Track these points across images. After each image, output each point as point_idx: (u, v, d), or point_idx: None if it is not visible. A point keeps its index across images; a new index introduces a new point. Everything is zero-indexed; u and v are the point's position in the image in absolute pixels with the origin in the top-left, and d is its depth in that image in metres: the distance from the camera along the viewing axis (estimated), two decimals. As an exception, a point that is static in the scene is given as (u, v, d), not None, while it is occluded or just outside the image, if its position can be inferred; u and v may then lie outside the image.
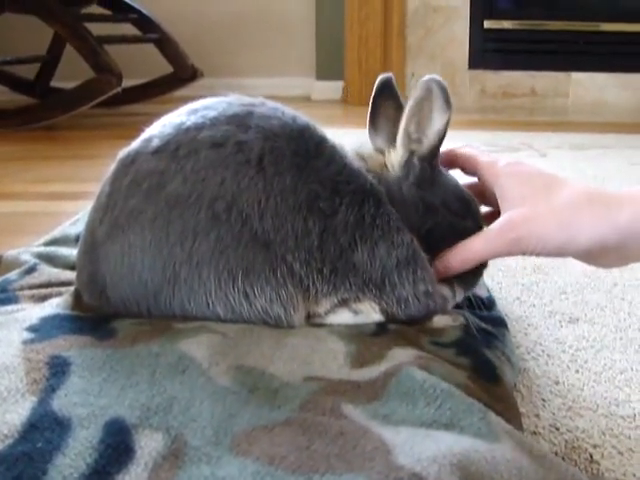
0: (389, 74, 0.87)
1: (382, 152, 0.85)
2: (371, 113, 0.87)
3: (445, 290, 0.83)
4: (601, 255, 0.77)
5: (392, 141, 0.84)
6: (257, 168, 0.75)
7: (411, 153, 0.83)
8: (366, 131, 0.88)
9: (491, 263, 0.88)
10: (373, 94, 0.87)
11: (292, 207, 0.75)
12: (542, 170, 0.82)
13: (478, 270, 0.87)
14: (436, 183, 0.84)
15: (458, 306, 0.87)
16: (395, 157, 0.83)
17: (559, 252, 0.77)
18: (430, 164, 0.83)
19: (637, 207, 0.74)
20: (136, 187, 0.76)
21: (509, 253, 0.79)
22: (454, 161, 0.88)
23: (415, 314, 0.81)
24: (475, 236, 0.81)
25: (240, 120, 0.78)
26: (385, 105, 0.87)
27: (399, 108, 0.84)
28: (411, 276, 0.79)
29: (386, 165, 0.84)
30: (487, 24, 3.79)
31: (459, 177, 0.88)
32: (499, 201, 0.81)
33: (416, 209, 0.82)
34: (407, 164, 0.83)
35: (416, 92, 0.80)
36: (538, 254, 0.78)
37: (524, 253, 0.78)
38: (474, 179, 0.88)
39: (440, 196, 0.83)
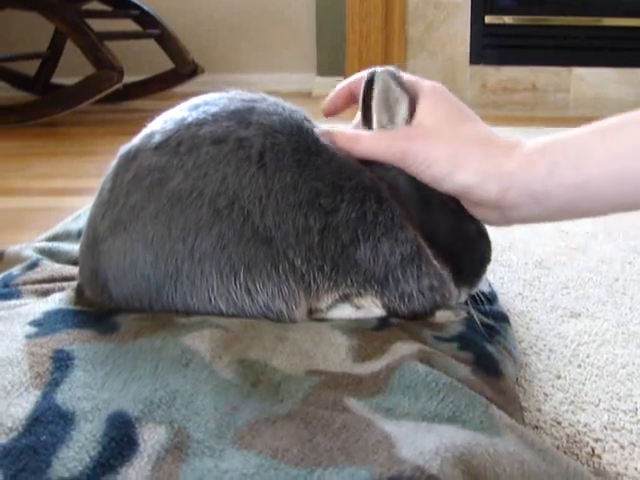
0: (374, 69, 0.86)
1: None
2: (363, 109, 0.86)
3: (452, 288, 0.83)
4: (482, 203, 0.76)
5: None
6: (258, 165, 0.75)
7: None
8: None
9: (493, 258, 0.89)
10: (362, 90, 0.85)
11: (293, 204, 0.76)
12: (462, 103, 0.81)
13: (481, 267, 0.87)
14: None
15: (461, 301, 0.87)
16: None
17: (440, 181, 0.76)
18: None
19: (525, 160, 0.72)
20: (138, 183, 0.76)
21: (393, 161, 0.78)
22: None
23: (419, 309, 0.81)
24: (372, 133, 0.80)
25: (241, 116, 0.78)
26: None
27: None
28: (415, 272, 0.79)
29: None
30: (488, 19, 3.78)
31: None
32: (415, 113, 0.79)
33: (416, 206, 0.82)
34: (381, 167, 0.82)
35: (376, 87, 0.80)
36: (421, 174, 0.76)
37: (408, 168, 0.77)
38: None
39: (438, 192, 0.82)
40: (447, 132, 0.76)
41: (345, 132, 0.81)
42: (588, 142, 0.70)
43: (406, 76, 0.83)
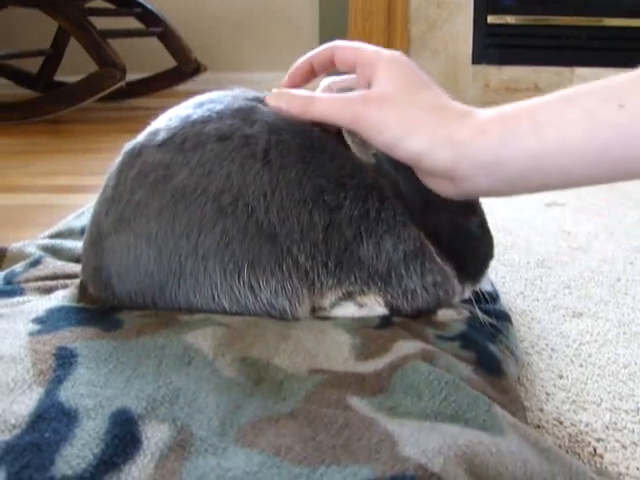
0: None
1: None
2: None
3: (456, 284, 0.83)
4: (433, 171, 0.74)
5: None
6: (263, 162, 0.75)
7: (375, 155, 0.81)
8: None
9: (495, 258, 0.89)
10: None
11: (297, 200, 0.76)
12: (423, 72, 0.78)
13: (484, 264, 0.87)
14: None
15: (463, 300, 0.87)
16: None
17: (392, 147, 0.73)
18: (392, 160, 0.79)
19: (478, 129, 0.70)
20: (142, 180, 0.76)
21: (345, 124, 0.76)
22: (332, 58, 0.83)
23: (422, 306, 0.81)
24: (325, 95, 0.78)
25: (246, 113, 0.78)
26: None
27: None
28: (419, 268, 0.80)
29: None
30: (490, 19, 3.78)
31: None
32: (373, 81, 0.77)
33: (417, 205, 0.81)
34: (379, 166, 0.81)
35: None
36: (373, 140, 0.74)
37: (361, 132, 0.75)
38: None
39: (437, 195, 0.82)
40: (402, 98, 0.73)
41: (298, 94, 0.79)
42: (543, 112, 0.68)
43: (366, 45, 0.80)
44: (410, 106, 0.73)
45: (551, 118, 0.67)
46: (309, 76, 0.87)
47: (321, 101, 0.77)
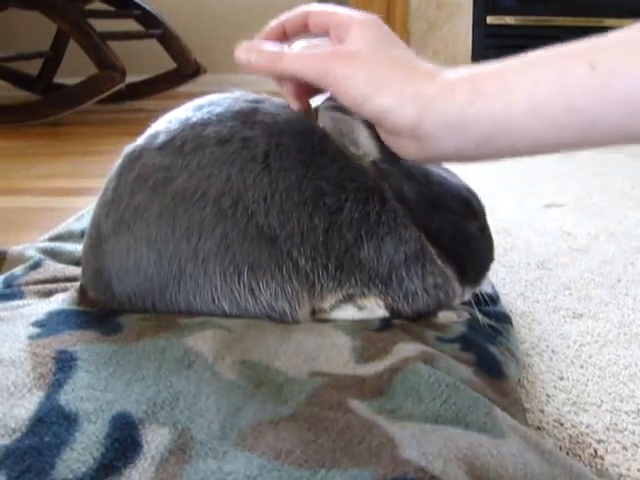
0: (312, 101, 0.84)
1: None
2: None
3: (456, 286, 0.83)
4: (398, 129, 0.71)
5: None
6: (263, 164, 0.75)
7: (374, 163, 0.81)
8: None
9: (495, 259, 0.89)
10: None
11: (298, 203, 0.76)
12: (394, 34, 0.76)
13: (484, 266, 0.87)
14: (431, 181, 0.83)
15: (463, 302, 0.87)
16: (370, 173, 0.82)
17: (360, 104, 0.71)
18: (397, 160, 0.78)
19: (446, 87, 0.68)
20: (142, 183, 0.76)
21: (314, 80, 0.73)
22: (306, 22, 0.82)
23: (423, 308, 0.81)
24: (297, 50, 0.76)
25: (246, 116, 0.78)
26: None
27: None
28: (420, 270, 0.80)
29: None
30: (490, 20, 3.78)
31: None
32: (345, 41, 0.74)
33: (419, 208, 0.82)
34: (381, 173, 0.81)
35: (324, 126, 0.80)
36: (341, 96, 0.72)
37: (328, 88, 0.73)
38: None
39: (438, 194, 0.83)
40: (371, 56, 0.71)
41: (267, 49, 0.77)
42: (514, 73, 0.66)
43: (339, 8, 0.78)
44: (379, 64, 0.71)
45: (522, 79, 0.65)
46: (281, 39, 0.84)
47: (290, 56, 0.75)
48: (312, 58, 0.73)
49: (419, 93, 0.68)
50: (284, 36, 0.83)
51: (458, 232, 0.83)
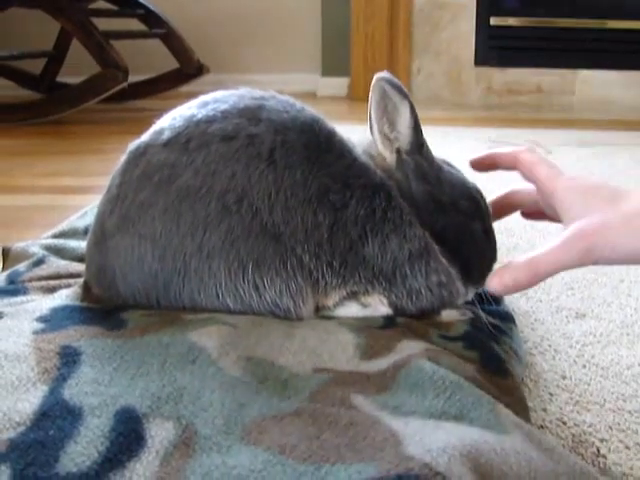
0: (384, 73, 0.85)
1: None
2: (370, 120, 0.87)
3: (460, 285, 0.83)
4: None
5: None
6: (268, 161, 0.75)
7: (397, 151, 0.82)
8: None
9: (498, 259, 0.89)
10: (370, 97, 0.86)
11: (302, 200, 0.76)
12: (601, 181, 0.79)
13: (488, 267, 0.87)
14: (442, 181, 0.84)
15: (467, 301, 0.87)
16: (388, 161, 0.83)
17: (630, 259, 0.74)
18: (420, 155, 0.82)
19: None
20: (147, 179, 0.76)
21: (581, 264, 0.75)
22: (513, 163, 0.85)
23: (427, 306, 0.81)
24: (544, 250, 0.76)
25: (251, 113, 0.78)
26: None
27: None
28: (424, 268, 0.80)
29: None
30: (493, 21, 3.78)
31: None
32: (560, 213, 0.78)
33: (426, 207, 0.82)
34: (400, 163, 0.82)
35: (372, 95, 0.80)
36: (611, 262, 0.74)
37: (595, 263, 0.75)
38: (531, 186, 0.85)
39: (448, 194, 0.83)
40: (613, 216, 0.74)
41: (518, 265, 0.78)
42: None
43: (543, 162, 0.82)
44: (628, 219, 0.73)
45: None
46: (491, 167, 0.88)
47: (549, 257, 0.76)
48: (568, 249, 0.74)
49: None
50: (494, 165, 0.87)
51: (463, 232, 0.83)
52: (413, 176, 0.82)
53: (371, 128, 0.84)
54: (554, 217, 0.82)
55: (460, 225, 0.83)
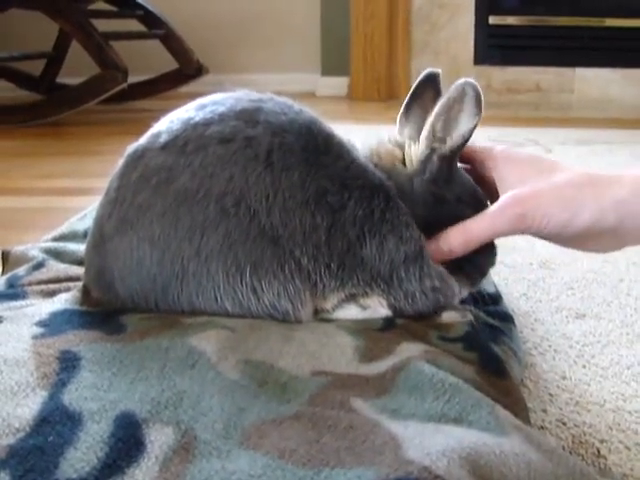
0: (437, 70, 0.87)
1: (400, 146, 0.85)
2: (408, 101, 0.87)
3: (454, 285, 0.83)
4: (599, 235, 0.76)
5: (419, 134, 0.83)
6: (265, 164, 0.75)
7: (432, 150, 0.82)
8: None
9: (498, 259, 0.88)
10: (416, 83, 0.87)
11: (300, 202, 0.76)
12: (537, 154, 0.82)
13: (484, 267, 0.87)
14: (452, 181, 0.84)
15: (465, 301, 0.87)
16: (415, 151, 0.83)
17: (561, 230, 0.76)
18: (449, 164, 0.82)
19: (637, 185, 0.73)
20: (145, 182, 0.76)
21: (513, 231, 0.78)
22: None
23: (423, 309, 0.81)
24: (477, 216, 0.80)
25: (249, 115, 0.78)
26: (424, 97, 0.87)
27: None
28: (418, 272, 0.79)
29: (403, 160, 0.84)
30: (492, 20, 3.78)
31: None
32: (498, 184, 0.80)
33: (425, 203, 0.82)
34: (426, 160, 0.82)
35: (450, 92, 0.79)
36: (540, 232, 0.77)
37: (527, 231, 0.77)
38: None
39: (455, 192, 0.83)
40: (547, 186, 0.76)
41: (454, 232, 0.81)
42: None
43: (475, 144, 0.84)
44: (560, 190, 0.76)
45: None
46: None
47: (481, 223, 0.79)
48: (501, 215, 0.77)
49: (614, 200, 0.73)
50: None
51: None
52: (428, 176, 0.82)
53: (407, 113, 0.86)
54: (490, 190, 0.84)
55: (456, 222, 0.82)
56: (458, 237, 0.80)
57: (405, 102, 0.87)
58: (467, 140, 0.80)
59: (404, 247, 0.79)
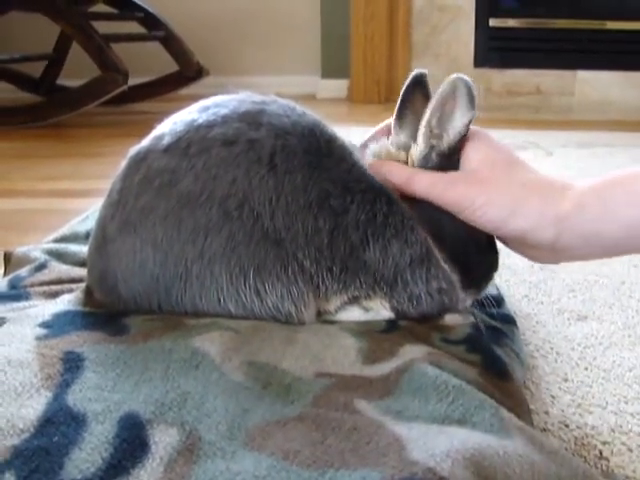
0: (423, 70, 0.86)
1: (403, 149, 0.85)
2: (399, 107, 0.86)
3: (458, 289, 0.83)
4: (538, 246, 0.77)
5: (416, 137, 0.83)
6: (268, 167, 0.75)
7: (431, 148, 0.81)
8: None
9: (499, 261, 0.88)
10: (404, 88, 0.86)
11: (303, 205, 0.76)
12: (504, 146, 0.82)
13: (489, 273, 0.87)
14: None
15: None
16: (415, 151, 0.83)
17: (496, 226, 0.76)
18: (448, 161, 0.81)
19: (578, 202, 0.73)
20: (147, 184, 0.76)
21: (448, 203, 0.78)
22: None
23: (427, 311, 0.81)
24: (427, 172, 0.80)
25: (252, 118, 0.78)
26: (415, 100, 0.86)
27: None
28: (424, 274, 0.79)
29: (406, 162, 0.83)
30: (492, 22, 3.78)
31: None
32: (462, 160, 0.80)
33: (425, 210, 0.81)
34: (425, 159, 0.82)
35: (442, 88, 0.79)
36: (476, 220, 0.77)
37: (463, 213, 0.77)
38: None
39: None
40: (501, 179, 0.76)
41: (401, 170, 0.81)
42: (636, 182, 0.71)
43: None
44: (510, 186, 0.76)
45: None
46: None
47: (422, 178, 0.79)
48: (445, 184, 0.78)
49: (555, 214, 0.73)
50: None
51: (465, 237, 0.83)
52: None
53: (400, 116, 0.85)
54: None
55: (461, 230, 0.82)
56: (401, 175, 0.81)
57: (396, 108, 0.86)
58: (463, 136, 0.80)
59: (409, 250, 0.79)
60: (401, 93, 0.86)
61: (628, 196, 0.70)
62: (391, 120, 0.87)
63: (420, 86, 0.86)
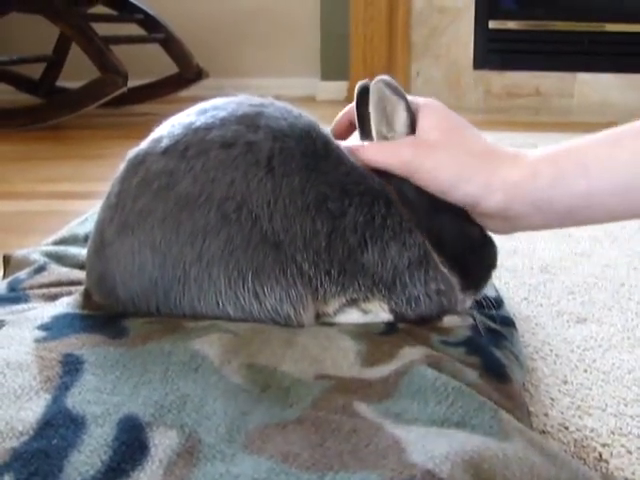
0: (367, 81, 0.86)
1: None
2: (358, 122, 0.88)
3: (457, 290, 0.83)
4: (490, 214, 0.77)
5: None
6: (266, 169, 0.75)
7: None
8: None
9: (498, 263, 0.89)
10: (354, 103, 0.87)
11: (301, 208, 0.76)
12: (457, 115, 0.82)
13: (487, 273, 0.87)
14: None
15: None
16: None
17: (444, 190, 0.77)
18: None
19: (529, 170, 0.73)
20: (146, 187, 0.76)
21: (398, 169, 0.79)
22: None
23: (426, 313, 0.81)
24: (373, 142, 0.82)
25: (250, 120, 0.78)
26: (368, 112, 0.86)
27: None
28: (423, 276, 0.80)
29: None
30: (492, 24, 3.78)
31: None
32: (417, 130, 0.80)
33: (423, 211, 0.82)
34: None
35: (371, 97, 0.81)
36: (427, 185, 0.78)
37: (413, 176, 0.78)
38: None
39: (445, 202, 0.83)
40: (451, 144, 0.77)
41: (346, 145, 0.83)
42: (591, 152, 0.72)
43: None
44: (460, 152, 0.76)
45: (599, 160, 0.71)
46: (350, 130, 0.91)
47: (369, 148, 0.81)
48: (392, 150, 0.79)
49: (504, 180, 0.74)
50: (352, 127, 0.91)
51: (462, 238, 0.83)
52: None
53: (364, 130, 0.86)
54: None
55: (459, 230, 0.83)
56: (353, 146, 0.82)
57: (357, 124, 0.88)
58: (412, 123, 0.80)
59: (408, 253, 0.79)
60: (354, 109, 0.88)
61: (582, 167, 0.71)
62: (349, 108, 0.89)
63: (367, 96, 0.86)
